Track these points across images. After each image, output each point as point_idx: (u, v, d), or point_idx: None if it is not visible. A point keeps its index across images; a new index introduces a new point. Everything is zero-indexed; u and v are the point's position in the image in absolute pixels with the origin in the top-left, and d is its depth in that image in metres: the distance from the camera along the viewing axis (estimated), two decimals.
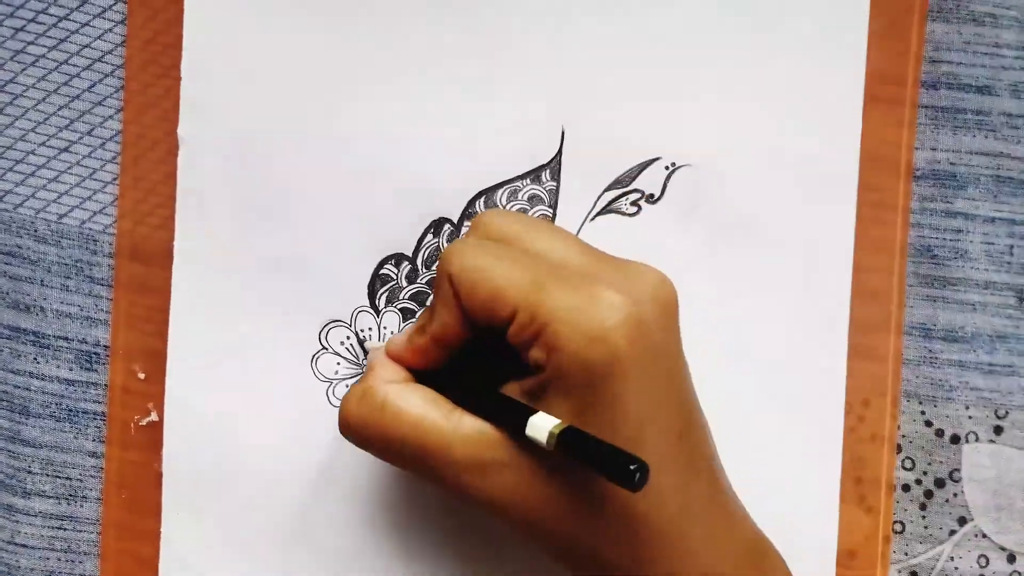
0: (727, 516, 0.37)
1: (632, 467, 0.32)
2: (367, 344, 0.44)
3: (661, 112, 0.44)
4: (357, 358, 0.44)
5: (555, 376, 0.35)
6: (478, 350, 0.38)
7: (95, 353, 0.45)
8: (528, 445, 0.35)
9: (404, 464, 0.38)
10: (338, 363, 0.44)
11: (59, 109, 0.44)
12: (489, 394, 0.37)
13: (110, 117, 0.44)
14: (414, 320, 0.44)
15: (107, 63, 0.44)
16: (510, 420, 0.36)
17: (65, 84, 0.44)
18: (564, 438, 0.34)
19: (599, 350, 0.34)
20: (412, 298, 0.44)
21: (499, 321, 0.36)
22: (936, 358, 0.44)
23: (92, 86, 0.44)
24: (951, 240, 0.44)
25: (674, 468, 0.36)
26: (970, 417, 0.44)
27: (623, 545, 0.36)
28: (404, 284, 0.44)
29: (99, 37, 0.44)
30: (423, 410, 0.37)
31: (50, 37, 0.44)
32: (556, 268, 0.36)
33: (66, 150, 0.44)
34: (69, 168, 0.44)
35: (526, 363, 0.36)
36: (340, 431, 0.39)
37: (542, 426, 0.34)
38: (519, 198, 0.44)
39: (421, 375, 0.39)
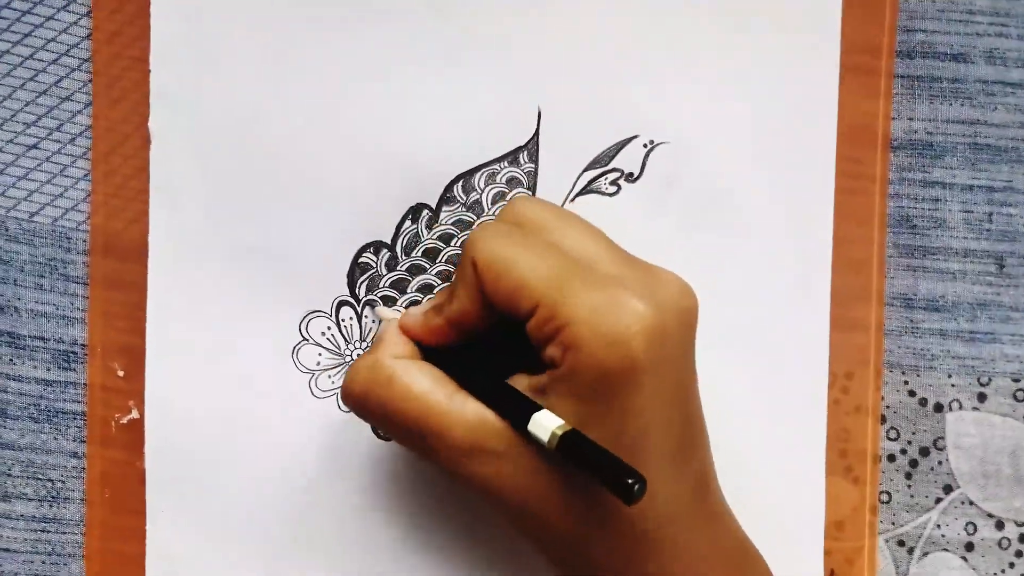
0: (716, 522, 0.38)
1: (630, 481, 0.32)
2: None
3: (638, 90, 0.44)
4: (338, 348, 0.44)
5: (567, 375, 0.35)
6: (490, 334, 0.38)
7: (72, 352, 0.44)
8: (528, 439, 0.35)
9: (403, 439, 0.38)
10: (320, 354, 0.44)
11: (26, 105, 0.44)
12: (495, 383, 0.37)
13: (79, 112, 0.44)
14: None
15: (74, 57, 0.44)
16: (513, 412, 0.36)
17: (31, 79, 0.44)
18: (566, 440, 0.34)
19: (617, 355, 0.34)
20: (392, 286, 0.44)
21: (520, 313, 0.36)
22: (918, 328, 0.44)
23: (59, 81, 0.44)
24: (930, 209, 0.44)
25: (670, 476, 0.36)
26: (953, 385, 0.44)
27: (612, 546, 0.36)
28: (384, 272, 0.44)
29: (64, 31, 0.44)
30: (428, 389, 0.37)
31: (14, 32, 0.43)
32: (582, 265, 0.36)
33: (35, 147, 0.44)
34: (39, 165, 0.44)
35: (539, 357, 0.36)
36: (343, 399, 0.39)
37: (545, 425, 0.34)
38: (497, 181, 0.44)
39: (429, 351, 0.39)
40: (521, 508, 0.36)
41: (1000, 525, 0.44)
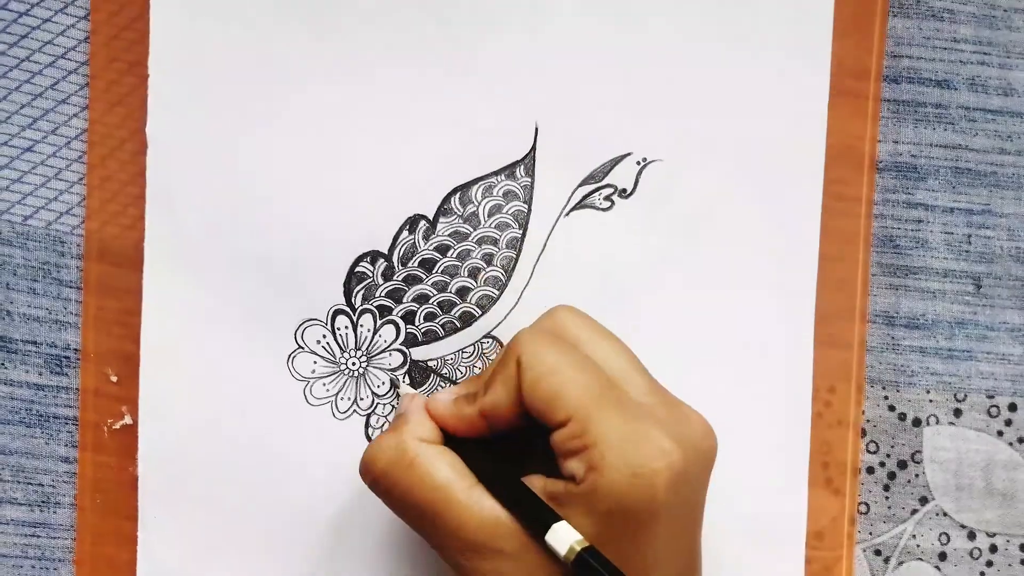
0: None
1: None
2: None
3: (632, 108, 0.45)
4: (333, 356, 0.44)
5: (586, 493, 0.36)
6: (515, 429, 0.39)
7: (65, 357, 0.44)
8: (541, 546, 0.36)
9: (413, 524, 0.39)
10: (315, 362, 0.44)
11: (21, 108, 0.43)
12: (514, 483, 0.37)
13: (75, 115, 0.43)
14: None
15: (71, 59, 0.43)
16: (531, 518, 0.36)
17: (27, 81, 0.43)
18: (583, 556, 0.35)
19: (639, 489, 0.35)
20: (388, 295, 0.44)
21: (551, 421, 0.37)
22: (898, 345, 0.46)
23: (56, 83, 0.43)
24: (912, 230, 0.46)
25: None
26: (931, 401, 0.46)
27: None
28: (380, 282, 0.44)
29: (62, 33, 0.43)
30: (449, 480, 0.37)
31: (10, 33, 0.43)
32: (617, 388, 0.37)
33: (30, 149, 0.43)
34: (34, 168, 0.43)
35: (559, 465, 0.37)
36: (361, 473, 0.39)
37: (564, 538, 0.35)
38: (494, 194, 0.44)
39: (451, 437, 0.39)
40: None
41: (972, 536, 0.46)
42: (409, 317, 0.44)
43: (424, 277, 0.44)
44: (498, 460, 0.38)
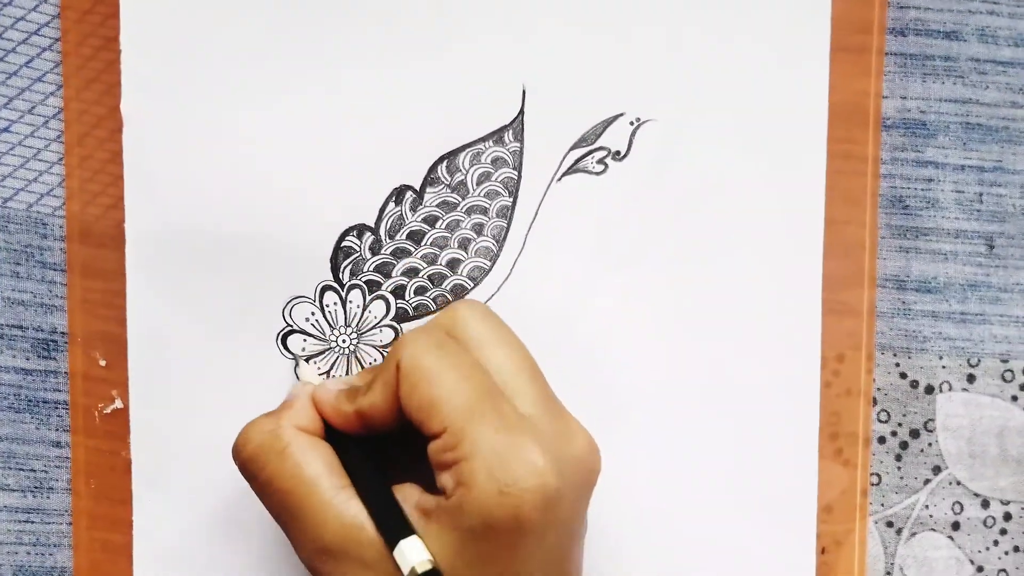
0: None
1: None
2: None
3: (624, 67, 0.43)
4: (323, 334, 0.43)
5: (454, 509, 0.34)
6: (394, 437, 0.37)
7: (52, 340, 0.43)
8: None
9: (273, 513, 0.37)
10: (304, 340, 0.43)
11: None
12: (382, 491, 0.36)
13: (51, 94, 0.42)
14: (376, 311, 0.43)
15: (44, 36, 0.42)
16: (389, 530, 0.35)
17: (1, 60, 0.42)
18: None
19: (505, 508, 0.34)
20: (377, 270, 0.43)
21: (427, 432, 0.35)
22: (909, 309, 0.44)
23: (30, 61, 0.42)
24: (922, 190, 0.44)
25: None
26: (944, 367, 0.44)
27: None
28: (368, 256, 0.43)
29: (34, 8, 0.42)
30: (317, 476, 0.36)
31: None
32: (497, 397, 0.36)
33: (6, 130, 0.42)
34: (11, 149, 0.42)
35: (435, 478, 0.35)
36: (232, 453, 0.38)
37: (408, 557, 0.34)
38: (482, 161, 0.43)
39: (333, 431, 0.38)
40: None
41: (986, 504, 0.44)
42: (399, 291, 0.43)
43: (413, 250, 0.43)
44: (375, 463, 0.37)
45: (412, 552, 0.34)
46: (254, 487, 0.38)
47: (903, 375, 0.44)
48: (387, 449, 0.39)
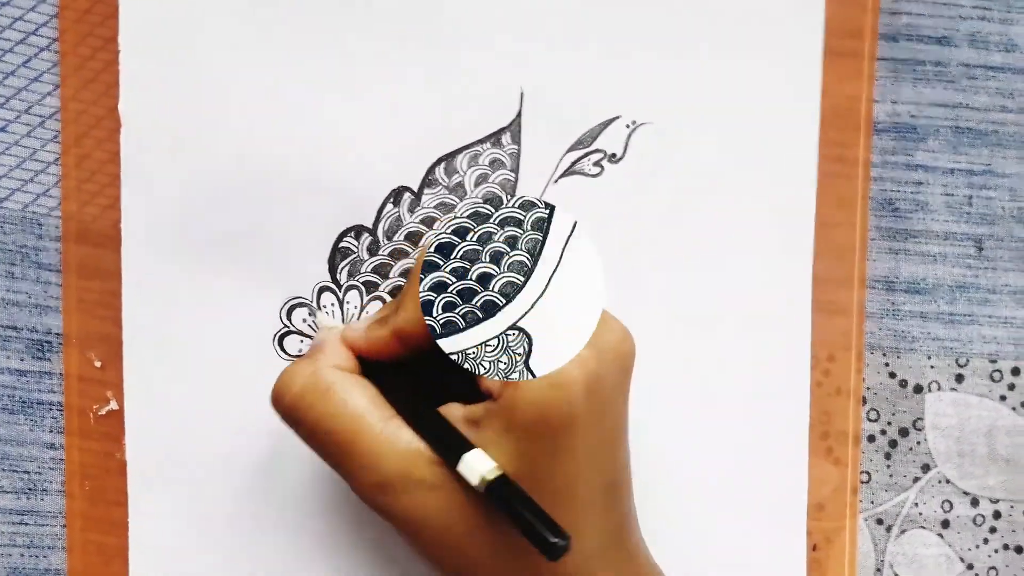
0: (633, 562, 0.38)
1: (553, 540, 0.32)
2: (319, 317, 0.43)
3: (620, 70, 0.44)
4: (316, 329, 0.43)
5: (504, 409, 0.35)
6: (428, 358, 0.37)
7: (47, 341, 0.43)
8: (456, 475, 0.35)
9: (326, 455, 0.37)
10: (302, 341, 0.43)
11: None
12: (430, 413, 0.36)
13: (48, 94, 0.42)
14: (373, 311, 0.43)
15: (42, 36, 0.42)
16: (446, 448, 0.35)
17: None
18: (495, 486, 0.34)
19: (557, 398, 0.34)
20: (374, 271, 0.43)
21: None
22: (899, 310, 0.45)
23: (27, 61, 0.42)
24: (912, 193, 0.45)
25: (595, 520, 0.36)
26: (932, 367, 0.45)
27: None
28: (365, 257, 0.43)
29: (32, 8, 0.42)
30: (364, 409, 0.36)
31: None
32: None
33: (3, 130, 0.42)
34: (7, 149, 0.42)
35: (476, 384, 0.36)
36: (272, 401, 0.38)
37: (476, 468, 0.34)
38: (480, 163, 0.43)
39: (369, 368, 0.38)
40: (442, 541, 0.36)
41: (975, 502, 0.45)
42: (396, 293, 0.43)
43: (410, 251, 0.43)
44: (416, 390, 0.37)
45: (478, 463, 0.34)
46: (300, 432, 0.37)
47: (892, 375, 0.45)
48: (418, 378, 0.38)
